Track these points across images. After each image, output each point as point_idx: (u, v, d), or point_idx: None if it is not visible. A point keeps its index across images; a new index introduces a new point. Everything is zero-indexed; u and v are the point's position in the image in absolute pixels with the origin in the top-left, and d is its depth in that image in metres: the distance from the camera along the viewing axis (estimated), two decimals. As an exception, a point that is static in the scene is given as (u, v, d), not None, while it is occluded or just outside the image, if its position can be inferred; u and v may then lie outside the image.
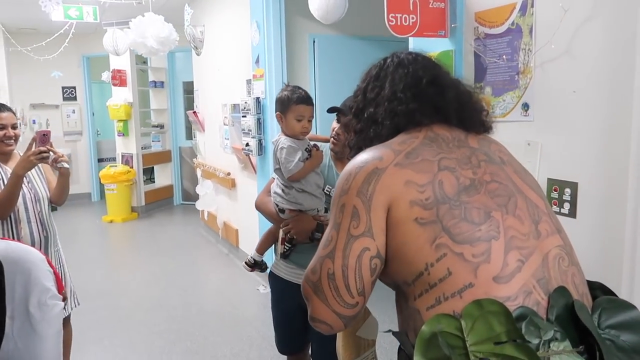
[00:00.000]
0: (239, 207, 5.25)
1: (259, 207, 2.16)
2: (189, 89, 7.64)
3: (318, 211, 1.96)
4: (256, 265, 2.29)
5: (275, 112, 2.02)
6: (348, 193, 1.04)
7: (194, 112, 6.18)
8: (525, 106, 1.98)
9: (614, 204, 1.68)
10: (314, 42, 4.49)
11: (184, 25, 4.65)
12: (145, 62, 8.25)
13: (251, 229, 4.81)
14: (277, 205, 2.01)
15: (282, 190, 1.98)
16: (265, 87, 4.20)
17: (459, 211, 0.99)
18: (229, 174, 5.28)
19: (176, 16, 5.13)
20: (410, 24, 2.15)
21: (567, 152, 1.84)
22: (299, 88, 2.00)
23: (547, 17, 1.87)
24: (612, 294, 1.11)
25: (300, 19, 4.43)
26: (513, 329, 0.92)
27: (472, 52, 2.19)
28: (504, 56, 2.00)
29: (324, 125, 2.29)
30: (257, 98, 4.28)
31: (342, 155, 2.02)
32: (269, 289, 4.47)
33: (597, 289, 1.11)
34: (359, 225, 1.02)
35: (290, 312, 2.15)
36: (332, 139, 1.99)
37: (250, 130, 4.36)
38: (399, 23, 2.13)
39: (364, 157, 1.07)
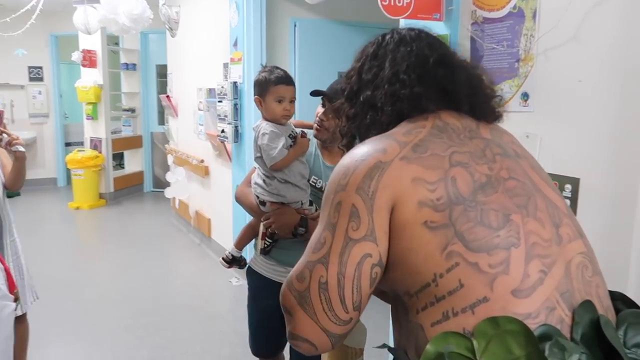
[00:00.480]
0: (212, 195, 5.05)
1: (238, 198, 2.00)
2: (162, 72, 7.35)
3: (302, 204, 1.81)
4: (234, 262, 2.13)
5: (254, 96, 1.86)
6: (346, 189, 0.88)
7: (167, 97, 5.94)
8: (525, 96, 1.85)
9: (620, 203, 1.57)
10: (295, 25, 4.32)
11: (158, 6, 4.40)
12: (117, 43, 7.92)
13: (225, 219, 4.63)
14: (258, 197, 1.85)
15: (264, 181, 1.82)
16: (243, 71, 4.01)
17: (475, 213, 0.85)
18: (202, 161, 5.08)
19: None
20: (404, 4, 2.00)
21: (569, 145, 1.72)
22: (277, 68, 1.84)
23: (553, 0, 1.74)
24: (635, 305, 0.99)
25: (281, 1, 4.25)
26: (535, 351, 0.78)
27: (469, 37, 2.06)
28: (505, 42, 1.86)
29: (306, 112, 2.13)
30: (235, 82, 4.08)
31: (328, 143, 1.87)
32: (242, 282, 4.35)
33: (618, 300, 0.98)
34: (359, 227, 0.86)
35: (268, 312, 2.00)
36: (315, 125, 1.84)
37: (226, 116, 4.17)
38: (392, 3, 1.97)
39: (363, 149, 0.92)
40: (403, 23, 2.33)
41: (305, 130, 1.89)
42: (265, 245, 1.87)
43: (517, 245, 0.84)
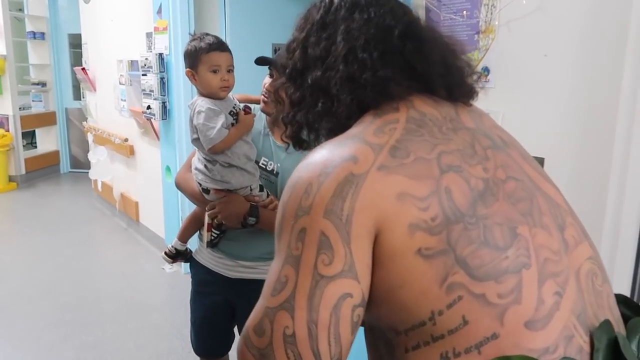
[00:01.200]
0: (139, 177, 4.71)
1: (179, 185, 1.78)
2: (75, 42, 6.74)
3: (251, 190, 1.61)
4: (179, 255, 1.91)
5: (185, 69, 1.62)
6: (310, 213, 0.69)
7: (83, 69, 5.43)
8: (486, 70, 1.75)
9: (589, 185, 1.51)
10: (224, -8, 4.01)
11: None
12: (21, 10, 7.16)
13: (154, 202, 4.32)
14: (200, 184, 1.64)
15: (205, 166, 1.60)
16: (169, 42, 3.68)
17: (478, 231, 0.70)
18: (126, 140, 4.70)
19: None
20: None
21: (533, 123, 1.64)
22: (208, 34, 1.61)
23: (517, -33, 1.63)
24: (638, 307, 0.89)
25: (209, -35, 3.93)
26: None
27: (424, 6, 1.92)
28: (465, 12, 1.74)
29: (246, 86, 1.91)
30: (160, 54, 3.75)
31: (277, 119, 1.66)
32: (176, 268, 4.10)
33: (621, 303, 0.86)
34: (332, 261, 0.67)
35: (214, 309, 1.82)
36: (263, 97, 1.63)
37: (152, 91, 3.83)
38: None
39: (325, 156, 0.72)
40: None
41: (251, 105, 1.69)
42: (212, 238, 1.68)
43: (529, 266, 0.70)
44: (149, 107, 3.89)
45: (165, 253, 1.91)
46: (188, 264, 1.92)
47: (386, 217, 0.68)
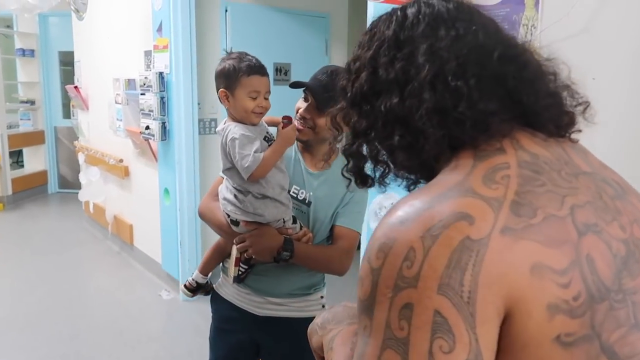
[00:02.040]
0: (134, 199, 4.54)
1: (203, 214, 1.64)
2: (66, 60, 6.59)
3: (284, 222, 1.49)
4: (200, 289, 1.77)
5: (217, 89, 1.49)
6: (417, 286, 0.55)
7: (75, 87, 5.28)
8: (524, 94, 1.66)
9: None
10: (226, 10, 3.92)
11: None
12: (9, 26, 7.00)
13: (149, 224, 4.17)
14: (229, 216, 1.51)
15: (235, 196, 1.48)
16: (170, 60, 3.57)
17: (626, 311, 0.58)
18: (121, 160, 4.54)
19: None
20: (384, -14, 1.74)
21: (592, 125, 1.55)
22: (247, 54, 1.48)
23: (559, -14, 1.55)
24: None
25: (211, -16, 3.84)
26: None
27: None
28: (502, 32, 1.65)
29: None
30: (161, 73, 3.63)
31: (311, 146, 1.55)
32: (173, 295, 3.92)
33: None
34: (454, 349, 0.54)
35: (238, 348, 1.68)
36: (297, 122, 1.51)
37: (151, 111, 3.70)
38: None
39: (423, 211, 0.59)
40: (373, 10, 2.08)
41: (291, 116, 1.57)
42: (240, 273, 1.55)
43: None
44: (147, 128, 3.76)
45: (185, 286, 1.78)
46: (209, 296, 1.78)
47: (519, 297, 0.55)
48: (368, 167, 0.80)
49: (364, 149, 0.76)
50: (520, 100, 0.67)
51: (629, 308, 0.59)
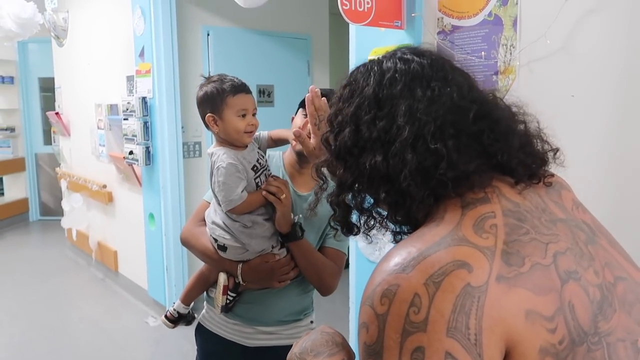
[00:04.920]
0: (118, 225, 4.49)
1: (186, 241, 1.59)
2: (46, 86, 6.54)
3: (272, 248, 1.47)
4: (181, 319, 1.71)
5: (203, 116, 1.45)
6: (427, 330, 0.58)
7: (57, 114, 5.24)
8: (506, 111, 1.69)
9: (623, 239, 1.44)
10: (208, 34, 3.95)
11: (46, 5, 3.83)
12: (-12, 54, 6.95)
13: (134, 250, 4.11)
14: (216, 240, 1.48)
15: (223, 222, 1.46)
16: (153, 85, 3.57)
17: (602, 352, 0.63)
18: (104, 186, 4.50)
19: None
20: (366, 10, 1.77)
21: (558, 170, 1.57)
22: (227, 75, 1.45)
23: (536, 7, 1.59)
24: None
25: (192, 8, 3.87)
26: None
27: (435, 47, 1.86)
28: (482, 52, 1.69)
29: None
30: (144, 98, 3.62)
31: (307, 162, 1.47)
32: (160, 321, 3.86)
33: None
34: None
35: None
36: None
37: (135, 136, 3.69)
38: (353, 8, 1.73)
39: (422, 259, 0.62)
40: (354, 32, 2.12)
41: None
42: (228, 301, 1.51)
43: None
44: (131, 152, 3.73)
45: (166, 317, 1.70)
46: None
47: (517, 340, 0.59)
48: (354, 217, 0.82)
49: (350, 200, 0.78)
50: (495, 158, 0.71)
51: (604, 349, 0.63)
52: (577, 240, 0.70)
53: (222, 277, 1.49)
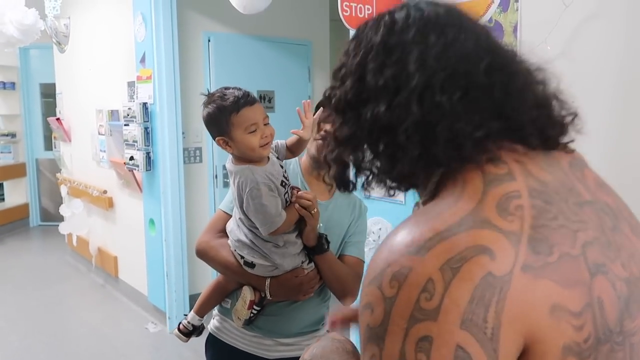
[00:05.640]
0: (118, 230, 4.49)
1: (204, 253, 1.52)
2: (47, 92, 6.56)
3: (302, 263, 1.45)
4: (195, 332, 1.63)
5: (213, 138, 1.38)
6: (438, 319, 0.54)
7: (58, 119, 5.25)
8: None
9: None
10: (209, 40, 3.96)
11: (47, 12, 3.84)
12: (-11, 60, 6.97)
13: (135, 256, 4.11)
14: (242, 257, 1.43)
15: (252, 242, 1.40)
16: (154, 91, 3.57)
17: (623, 353, 0.59)
18: (105, 192, 4.50)
19: (34, 1, 4.24)
20: (366, 15, 1.77)
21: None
22: (228, 88, 1.36)
23: (536, 14, 1.60)
24: None
25: (193, 15, 3.89)
26: None
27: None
28: (483, 58, 1.69)
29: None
30: (144, 104, 3.63)
31: (318, 170, 1.44)
32: (160, 327, 3.84)
33: None
34: None
35: None
36: (317, 139, 1.42)
37: (135, 142, 3.69)
38: (353, 14, 1.73)
39: (438, 240, 0.56)
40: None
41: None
42: (251, 315, 1.45)
43: None
44: (131, 158, 3.74)
45: (180, 330, 1.63)
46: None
47: (538, 337, 0.54)
48: (351, 172, 0.76)
49: (347, 156, 0.71)
50: (505, 112, 0.64)
51: (626, 350, 0.59)
52: (604, 228, 0.63)
53: (249, 292, 1.44)
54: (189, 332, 1.63)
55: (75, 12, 4.66)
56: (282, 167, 1.42)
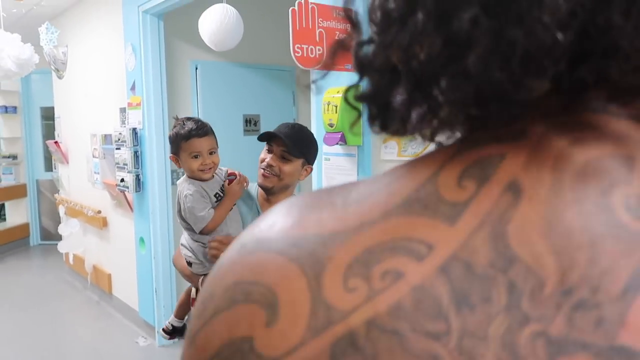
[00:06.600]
0: (111, 248, 4.69)
1: (175, 262, 1.83)
2: (47, 115, 6.81)
3: None
4: (176, 332, 1.94)
5: (170, 155, 1.74)
6: None
7: (56, 142, 5.49)
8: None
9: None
10: (196, 68, 4.19)
11: (42, 44, 4.08)
12: (-8, 84, 7.24)
13: (127, 273, 4.30)
14: (186, 259, 1.72)
15: (188, 243, 1.69)
16: (143, 117, 3.80)
17: None
18: (99, 212, 4.71)
19: (32, 35, 4.50)
20: (317, 55, 1.99)
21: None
22: (190, 119, 1.68)
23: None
24: None
25: (181, 44, 4.12)
26: None
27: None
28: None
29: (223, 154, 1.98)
30: (134, 129, 3.85)
31: (274, 192, 1.70)
32: (150, 341, 4.02)
33: None
34: None
35: None
36: (262, 170, 1.66)
37: (126, 164, 3.91)
38: (304, 55, 1.95)
39: None
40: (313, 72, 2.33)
41: (236, 172, 1.74)
42: None
43: None
44: (122, 180, 3.95)
45: (163, 329, 1.94)
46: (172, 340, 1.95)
47: None
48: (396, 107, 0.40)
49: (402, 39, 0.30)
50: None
51: None
52: None
53: (193, 291, 1.71)
54: (171, 331, 1.92)
55: (73, 40, 4.92)
56: (222, 188, 1.68)
